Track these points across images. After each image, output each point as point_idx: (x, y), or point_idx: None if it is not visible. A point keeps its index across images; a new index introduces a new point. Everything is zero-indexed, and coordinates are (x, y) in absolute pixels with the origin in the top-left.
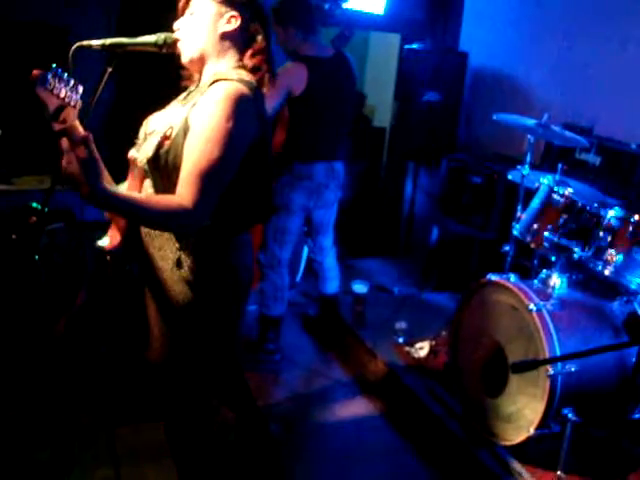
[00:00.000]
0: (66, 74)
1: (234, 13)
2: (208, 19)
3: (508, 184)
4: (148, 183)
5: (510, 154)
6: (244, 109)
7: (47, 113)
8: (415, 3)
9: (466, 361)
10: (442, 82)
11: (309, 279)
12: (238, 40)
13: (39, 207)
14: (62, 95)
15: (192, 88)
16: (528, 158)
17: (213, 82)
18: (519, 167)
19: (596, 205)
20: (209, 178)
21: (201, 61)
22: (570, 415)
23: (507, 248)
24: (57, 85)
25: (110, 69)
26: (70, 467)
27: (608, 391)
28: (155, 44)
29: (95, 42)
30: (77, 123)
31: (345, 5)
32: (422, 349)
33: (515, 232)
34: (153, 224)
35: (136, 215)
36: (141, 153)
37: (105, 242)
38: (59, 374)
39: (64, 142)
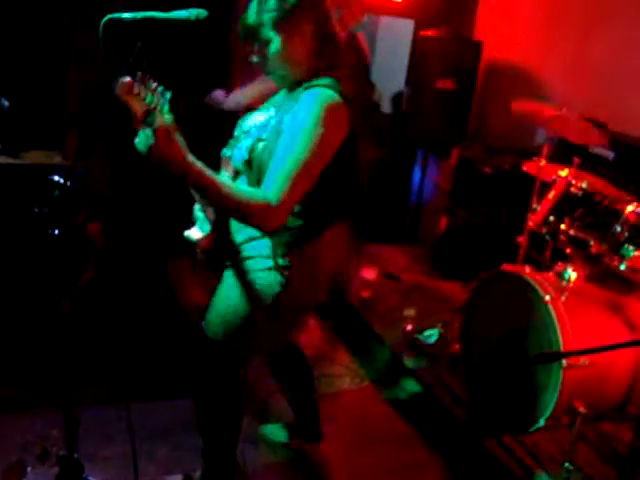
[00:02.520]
0: (152, 79)
1: (298, 29)
2: (279, 49)
3: (520, 176)
4: (242, 181)
5: (521, 146)
6: (334, 115)
7: (135, 119)
8: None
9: (476, 350)
10: (455, 71)
11: None
12: (316, 46)
13: (62, 181)
14: (149, 100)
15: (285, 91)
16: (545, 150)
17: (305, 88)
18: (535, 159)
19: (613, 199)
20: (294, 179)
21: (294, 81)
22: (581, 409)
23: (521, 240)
24: (144, 91)
25: (140, 44)
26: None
27: (619, 386)
28: (188, 20)
29: (126, 15)
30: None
31: None
32: (430, 337)
33: (531, 224)
34: (233, 210)
35: (219, 195)
36: (235, 152)
37: (193, 233)
38: (69, 349)
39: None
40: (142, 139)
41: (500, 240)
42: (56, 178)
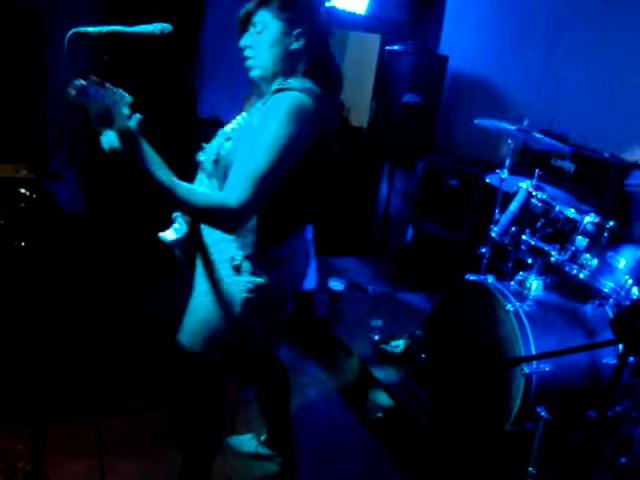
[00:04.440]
0: (107, 83)
1: (301, 30)
2: (276, 38)
3: (484, 187)
4: (211, 183)
5: (486, 158)
6: (300, 117)
7: (92, 121)
8: (397, 5)
9: (442, 360)
10: (421, 84)
11: None
12: (305, 54)
13: (27, 193)
14: (106, 102)
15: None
16: (507, 162)
17: (276, 91)
18: (498, 171)
19: (573, 210)
20: (255, 180)
21: (272, 77)
22: (543, 413)
23: (483, 250)
24: (100, 93)
25: (106, 57)
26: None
27: (580, 390)
28: (152, 34)
29: (91, 29)
30: (126, 121)
31: (328, 4)
32: (397, 347)
33: (493, 234)
34: (194, 212)
35: (178, 198)
36: (207, 156)
37: (168, 234)
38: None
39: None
40: (107, 139)
41: (464, 250)
42: (22, 190)
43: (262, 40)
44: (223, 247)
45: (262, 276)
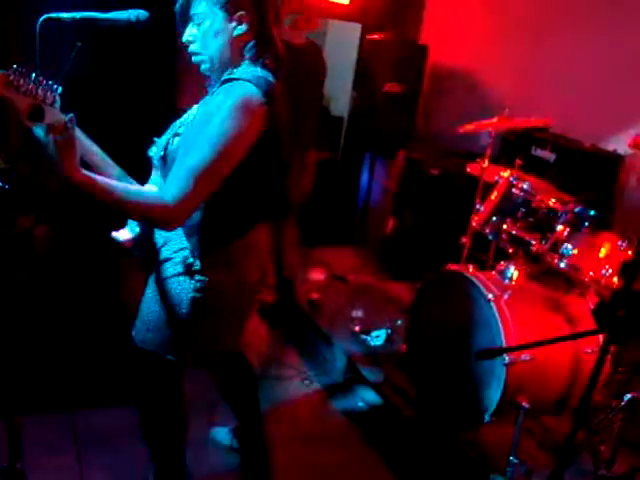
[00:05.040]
0: (33, 73)
1: (242, 13)
2: (218, 27)
3: (465, 177)
4: (159, 180)
5: (467, 147)
6: (246, 112)
7: (20, 115)
8: None
9: (423, 350)
10: (402, 74)
11: None
12: (251, 37)
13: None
14: (35, 94)
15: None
16: (488, 152)
17: (224, 81)
18: (478, 160)
19: (554, 200)
20: (194, 178)
21: (221, 68)
22: (524, 403)
23: (464, 240)
24: (25, 84)
25: (79, 44)
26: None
27: (561, 381)
28: (128, 21)
29: (65, 15)
30: (58, 115)
31: None
32: (378, 337)
33: (474, 224)
34: (131, 212)
35: (113, 200)
36: (156, 150)
37: (121, 234)
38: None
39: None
40: (39, 134)
41: (445, 240)
42: None
43: (204, 32)
44: (173, 246)
45: (212, 274)
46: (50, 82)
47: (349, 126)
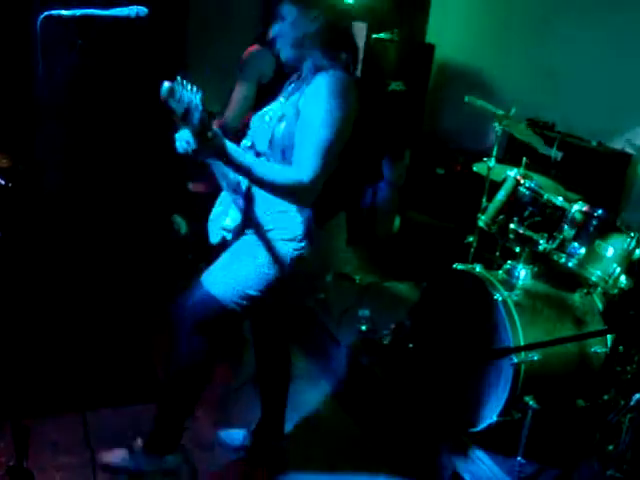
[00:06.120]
0: (186, 81)
1: (316, 13)
2: (297, 23)
3: (471, 175)
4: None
5: (473, 146)
6: (348, 93)
7: (177, 118)
8: None
9: (430, 349)
10: (408, 73)
11: None
12: (324, 34)
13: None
14: (186, 100)
15: (293, 81)
16: (494, 151)
17: (316, 71)
18: (485, 159)
19: (561, 199)
20: (322, 157)
21: (299, 59)
22: (531, 403)
23: (471, 239)
24: (182, 93)
25: (80, 42)
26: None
27: (569, 379)
28: (128, 17)
29: (65, 12)
30: (201, 116)
31: None
32: (385, 337)
33: (480, 223)
34: (271, 188)
35: (259, 175)
36: (258, 139)
37: (229, 222)
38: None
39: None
40: (181, 136)
41: (452, 239)
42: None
43: (286, 27)
44: (279, 217)
45: (306, 247)
46: (196, 87)
47: (355, 125)
